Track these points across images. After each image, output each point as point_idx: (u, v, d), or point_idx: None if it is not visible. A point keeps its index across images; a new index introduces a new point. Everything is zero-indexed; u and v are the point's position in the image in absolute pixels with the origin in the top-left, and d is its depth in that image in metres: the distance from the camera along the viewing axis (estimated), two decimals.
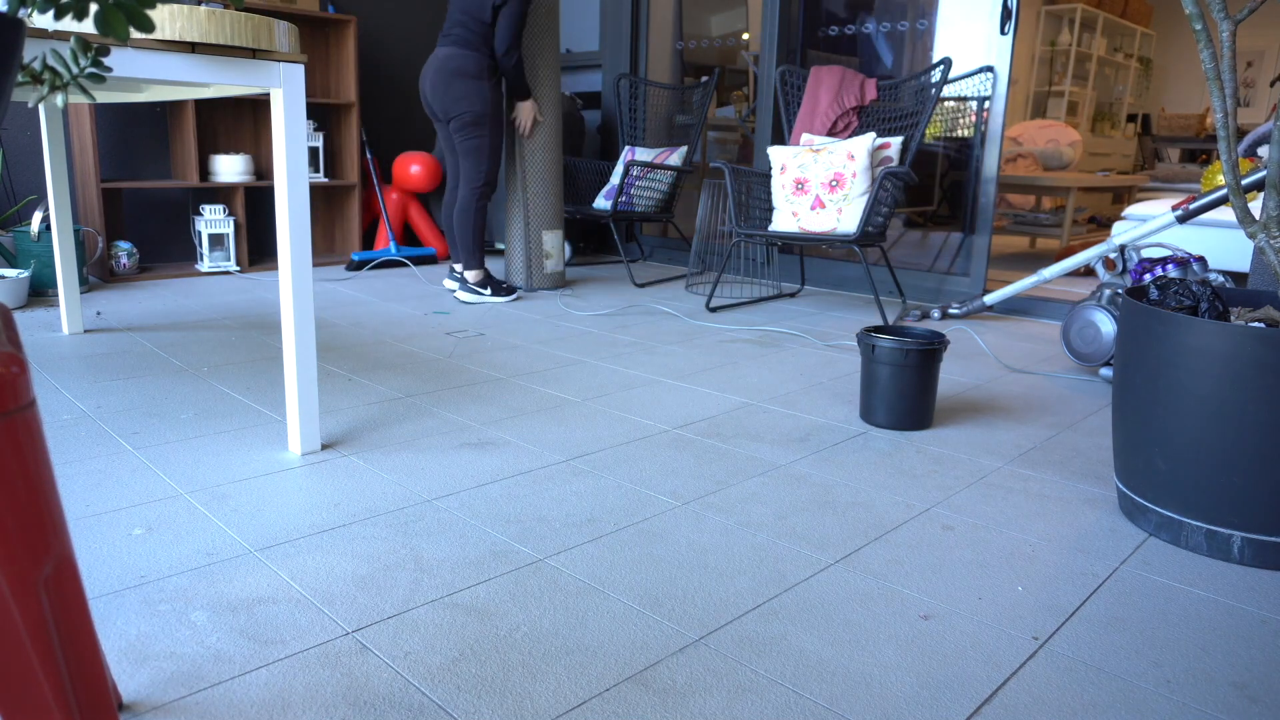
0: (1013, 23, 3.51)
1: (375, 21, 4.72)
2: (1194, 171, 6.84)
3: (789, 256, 4.32)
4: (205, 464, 1.76)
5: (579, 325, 3.20)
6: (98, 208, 3.69)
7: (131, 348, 2.66)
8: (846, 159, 3.39)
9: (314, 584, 1.31)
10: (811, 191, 3.46)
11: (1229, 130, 1.51)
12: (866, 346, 2.13)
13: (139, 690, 1.05)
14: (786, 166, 3.53)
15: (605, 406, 2.23)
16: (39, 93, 0.82)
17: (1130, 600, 1.33)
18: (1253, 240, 1.55)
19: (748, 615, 1.26)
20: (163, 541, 1.43)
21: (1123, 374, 1.59)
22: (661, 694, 1.07)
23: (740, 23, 4.99)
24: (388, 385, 2.36)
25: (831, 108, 3.72)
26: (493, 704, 1.04)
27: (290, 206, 1.72)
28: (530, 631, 1.20)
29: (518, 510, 1.59)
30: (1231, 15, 1.49)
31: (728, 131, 5.25)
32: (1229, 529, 1.45)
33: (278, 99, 1.67)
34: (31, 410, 0.67)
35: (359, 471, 1.75)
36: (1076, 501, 1.71)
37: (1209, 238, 3.49)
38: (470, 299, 3.56)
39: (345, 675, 1.09)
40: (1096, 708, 1.07)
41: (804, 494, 1.70)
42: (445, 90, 3.42)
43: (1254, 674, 1.15)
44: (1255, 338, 1.37)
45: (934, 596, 1.33)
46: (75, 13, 0.74)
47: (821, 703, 1.06)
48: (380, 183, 4.54)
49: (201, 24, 1.50)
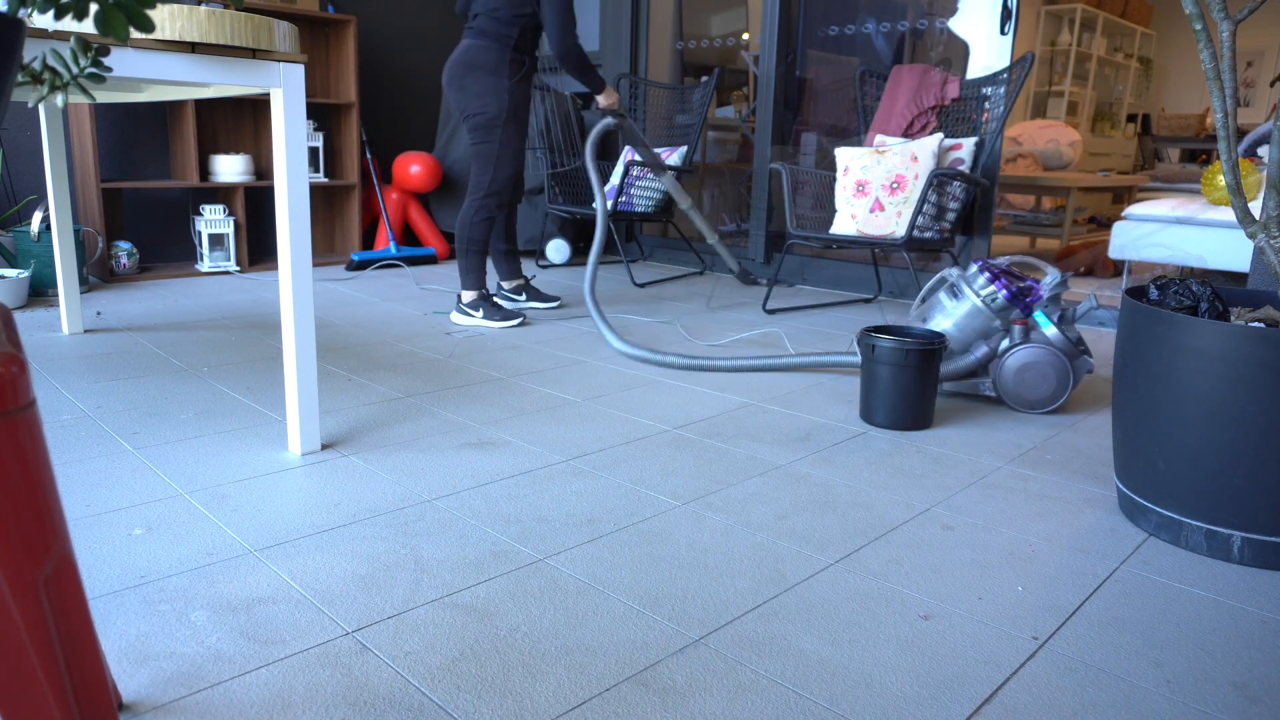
0: (1013, 23, 3.51)
1: (375, 21, 4.72)
2: (1194, 171, 6.84)
3: (791, 257, 4.32)
4: (205, 464, 1.76)
5: (579, 325, 3.20)
6: (98, 208, 3.69)
7: (131, 348, 2.66)
8: (910, 161, 3.31)
9: (314, 584, 1.31)
10: (872, 194, 3.38)
11: (1229, 130, 1.51)
12: (866, 347, 2.13)
13: (139, 690, 1.05)
14: (849, 168, 3.47)
15: (605, 406, 2.23)
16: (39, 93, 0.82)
17: (1130, 600, 1.33)
18: (1253, 240, 1.55)
19: (748, 615, 1.26)
20: (163, 541, 1.43)
21: (1122, 374, 1.59)
22: (661, 694, 1.07)
23: (740, 23, 5.00)
24: (388, 385, 2.36)
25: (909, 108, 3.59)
26: (493, 704, 1.04)
27: (290, 206, 1.72)
28: (530, 631, 1.20)
29: (518, 510, 1.59)
30: (1231, 15, 1.49)
31: (728, 131, 5.25)
32: (1229, 529, 1.45)
33: (278, 99, 1.67)
34: (31, 410, 0.67)
35: (359, 471, 1.75)
36: (1076, 501, 1.71)
37: (1209, 238, 3.49)
38: (461, 321, 3.20)
39: (345, 675, 1.09)
40: (1096, 708, 1.07)
41: (804, 494, 1.70)
42: (460, 85, 3.07)
43: (1254, 674, 1.15)
44: (1255, 338, 1.37)
45: (934, 596, 1.33)
46: (75, 13, 0.74)
47: (821, 703, 1.06)
48: (380, 183, 4.54)
49: (201, 24, 1.50)
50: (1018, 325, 2.24)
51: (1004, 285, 2.25)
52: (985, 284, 2.28)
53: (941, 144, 3.35)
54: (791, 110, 4.40)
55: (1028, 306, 2.27)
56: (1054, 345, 2.21)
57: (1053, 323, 2.22)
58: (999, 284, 2.26)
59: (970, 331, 2.31)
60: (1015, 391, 2.26)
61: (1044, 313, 2.24)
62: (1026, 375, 2.22)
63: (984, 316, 2.28)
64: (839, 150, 3.54)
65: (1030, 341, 2.22)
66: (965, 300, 2.30)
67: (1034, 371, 2.22)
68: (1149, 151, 8.18)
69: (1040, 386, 2.23)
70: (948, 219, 3.37)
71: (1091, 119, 7.87)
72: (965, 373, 2.30)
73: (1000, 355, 2.26)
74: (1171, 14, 8.56)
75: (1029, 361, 2.22)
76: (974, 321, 2.29)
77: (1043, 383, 2.22)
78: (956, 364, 2.30)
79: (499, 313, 3.16)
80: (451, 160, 4.77)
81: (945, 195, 3.35)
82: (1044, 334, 2.23)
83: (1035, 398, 2.25)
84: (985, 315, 2.27)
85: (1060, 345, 2.21)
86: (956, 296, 2.32)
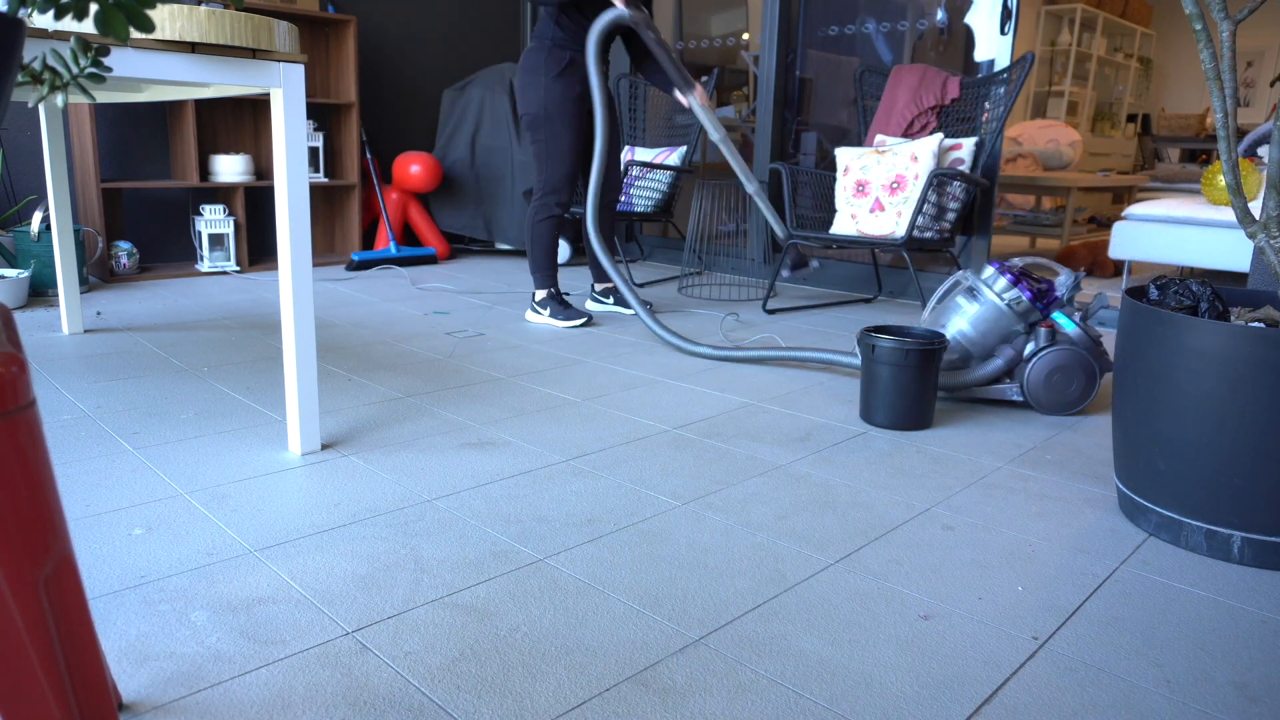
0: (1013, 23, 3.51)
1: (375, 21, 4.72)
2: (1194, 171, 6.84)
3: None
4: (205, 464, 1.76)
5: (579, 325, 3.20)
6: (98, 208, 3.69)
7: (131, 348, 2.66)
8: (910, 160, 3.30)
9: (314, 584, 1.31)
10: (872, 194, 3.37)
11: (1229, 130, 1.51)
12: (866, 346, 2.13)
13: (139, 690, 1.05)
14: (849, 168, 3.46)
15: (605, 406, 2.23)
16: (39, 93, 0.82)
17: (1130, 600, 1.33)
18: (1253, 240, 1.55)
19: (748, 615, 1.26)
20: (163, 541, 1.43)
21: (1122, 374, 1.59)
22: (661, 694, 1.07)
23: (740, 23, 5.00)
24: (388, 385, 2.36)
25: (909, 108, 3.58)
26: (493, 704, 1.04)
27: (290, 206, 1.72)
28: (530, 631, 1.20)
29: (518, 510, 1.59)
30: (1231, 15, 1.49)
31: (728, 131, 5.24)
32: (1229, 529, 1.45)
33: (278, 99, 1.67)
34: (31, 410, 0.67)
35: (359, 471, 1.75)
36: (1076, 501, 1.71)
37: (1209, 238, 3.49)
38: (532, 319, 3.23)
39: (345, 675, 1.09)
40: (1096, 708, 1.07)
41: (804, 494, 1.70)
42: (517, 88, 3.10)
43: (1254, 674, 1.15)
44: (1255, 338, 1.37)
45: (934, 596, 1.33)
46: (75, 13, 0.74)
47: (821, 703, 1.06)
48: (380, 183, 4.54)
49: (201, 24, 1.50)
50: (1043, 328, 2.22)
51: (1025, 287, 2.26)
52: (1007, 286, 2.26)
53: (941, 144, 3.35)
54: (792, 110, 4.40)
55: (1047, 308, 2.28)
56: (1079, 345, 2.21)
57: (1075, 323, 2.22)
58: (1021, 286, 2.25)
59: (990, 335, 2.28)
60: (1045, 394, 2.24)
61: (1063, 313, 2.25)
62: (1056, 377, 2.21)
63: (1007, 319, 2.26)
64: (839, 150, 3.53)
65: (1057, 344, 2.22)
66: (985, 303, 2.28)
67: (1064, 373, 2.21)
68: (1149, 151, 8.18)
69: (1069, 387, 2.22)
70: (948, 219, 3.37)
71: (1091, 119, 7.87)
72: (992, 379, 2.27)
73: (1027, 359, 2.25)
74: (1171, 14, 8.56)
75: (1060, 364, 2.21)
76: (995, 324, 2.27)
77: (1071, 383, 2.21)
78: (981, 370, 2.27)
79: (564, 312, 3.16)
80: (451, 160, 4.77)
81: (945, 195, 3.35)
82: (1068, 334, 2.23)
83: (1065, 399, 2.24)
84: (1008, 318, 2.25)
85: (1084, 345, 2.22)
86: (975, 299, 2.30)
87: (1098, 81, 7.89)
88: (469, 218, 4.80)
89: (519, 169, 4.62)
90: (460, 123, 4.76)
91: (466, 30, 5.14)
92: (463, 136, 4.74)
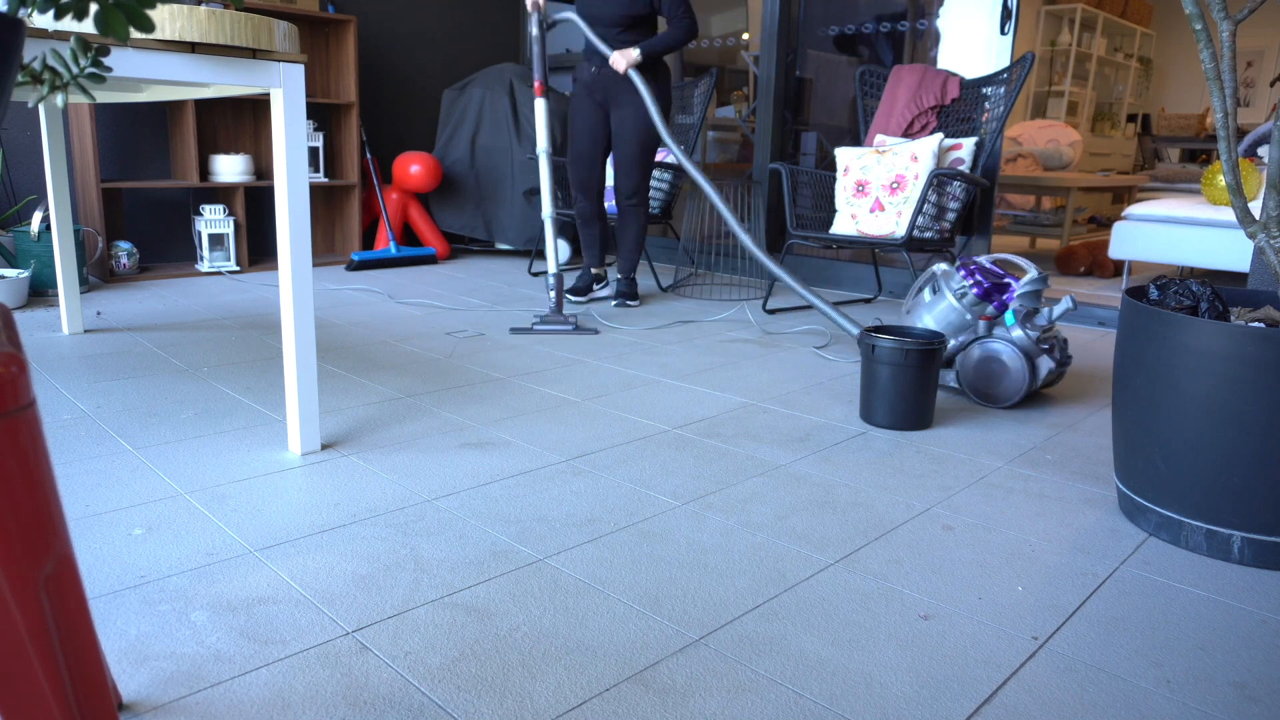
0: (1013, 23, 3.51)
1: (375, 21, 4.72)
2: (1194, 171, 6.84)
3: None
4: (205, 464, 1.76)
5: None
6: (98, 208, 3.69)
7: (131, 348, 2.66)
8: (910, 160, 3.30)
9: (314, 584, 1.31)
10: (872, 194, 3.37)
11: (1229, 130, 1.51)
12: (866, 346, 2.13)
13: (139, 690, 1.05)
14: (849, 168, 3.46)
15: (605, 406, 2.23)
16: (39, 93, 0.82)
17: (1130, 600, 1.33)
18: (1253, 240, 1.55)
19: (747, 615, 1.26)
20: (163, 541, 1.43)
21: (1122, 374, 1.59)
22: (661, 694, 1.07)
23: (740, 23, 5.00)
24: (388, 385, 2.36)
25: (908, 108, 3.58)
26: (493, 704, 1.04)
27: (290, 206, 1.72)
28: (530, 631, 1.20)
29: (518, 510, 1.59)
30: (1231, 15, 1.49)
31: (728, 131, 5.24)
32: (1229, 529, 1.45)
33: (278, 99, 1.67)
34: (31, 410, 0.67)
35: (359, 471, 1.75)
36: (1076, 501, 1.71)
37: (1209, 238, 3.49)
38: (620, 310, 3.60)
39: (345, 675, 1.09)
40: (1096, 708, 1.07)
41: (804, 494, 1.70)
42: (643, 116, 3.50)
43: (1254, 674, 1.15)
44: (1255, 338, 1.37)
45: (934, 596, 1.33)
46: (75, 13, 0.74)
47: (821, 703, 1.06)
48: (380, 183, 4.54)
49: (201, 24, 1.50)
50: (982, 320, 2.32)
51: (975, 282, 2.30)
52: (960, 280, 2.35)
53: (941, 144, 3.35)
54: (791, 110, 4.40)
55: (1002, 304, 2.33)
56: (1014, 342, 2.26)
57: (1017, 321, 2.27)
58: (973, 282, 2.30)
59: (948, 327, 2.38)
60: (975, 384, 2.32)
61: (1011, 311, 2.30)
62: (986, 369, 2.29)
63: (958, 313, 2.34)
64: (839, 150, 3.53)
65: (991, 336, 2.29)
66: (943, 297, 2.36)
67: (993, 365, 2.28)
68: (1149, 151, 8.18)
69: (999, 381, 2.28)
70: (948, 219, 3.37)
71: (1091, 119, 7.87)
72: None
73: (964, 348, 2.33)
74: (1171, 14, 8.56)
75: (987, 355, 2.28)
76: (950, 317, 2.36)
77: (1001, 378, 2.28)
78: None
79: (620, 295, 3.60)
80: (451, 160, 4.77)
81: (945, 195, 3.35)
82: (1006, 331, 2.29)
83: (994, 392, 2.31)
84: (958, 311, 2.34)
85: (1020, 342, 2.26)
86: (936, 293, 2.38)
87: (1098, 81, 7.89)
88: (469, 218, 4.79)
89: (519, 169, 4.62)
90: (460, 123, 4.76)
91: (466, 30, 5.14)
92: (463, 136, 4.74)
